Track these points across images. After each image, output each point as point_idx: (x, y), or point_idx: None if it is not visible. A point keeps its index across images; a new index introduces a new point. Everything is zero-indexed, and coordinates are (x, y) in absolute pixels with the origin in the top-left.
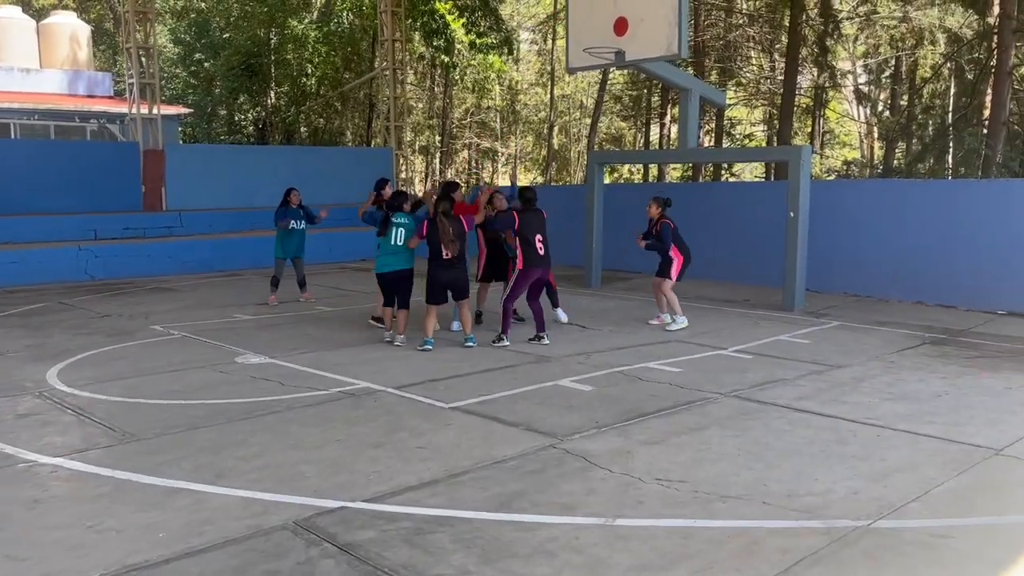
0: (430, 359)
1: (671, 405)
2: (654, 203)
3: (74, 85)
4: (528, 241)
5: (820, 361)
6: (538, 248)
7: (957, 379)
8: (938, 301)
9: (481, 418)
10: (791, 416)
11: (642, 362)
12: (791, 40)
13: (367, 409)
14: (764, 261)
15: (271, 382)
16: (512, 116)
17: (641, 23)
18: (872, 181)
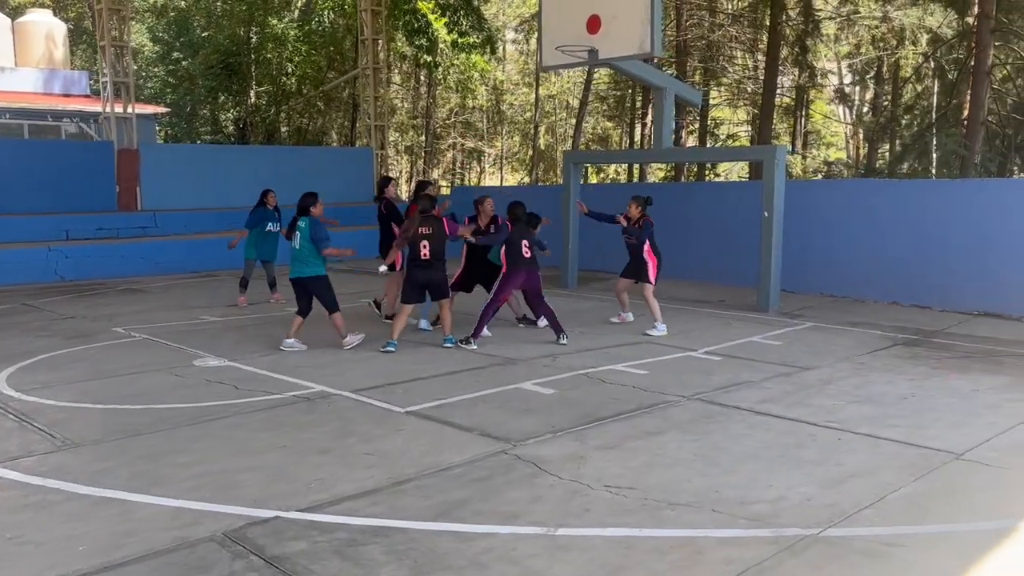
0: (394, 361)
1: (632, 409)
2: (634, 203)
3: (50, 84)
4: (514, 244)
5: (789, 363)
6: (524, 252)
7: (925, 381)
8: (913, 301)
9: (435, 423)
10: (752, 420)
11: (609, 364)
12: (771, 40)
13: (319, 414)
14: (741, 261)
15: (226, 386)
16: (497, 116)
17: (614, 21)
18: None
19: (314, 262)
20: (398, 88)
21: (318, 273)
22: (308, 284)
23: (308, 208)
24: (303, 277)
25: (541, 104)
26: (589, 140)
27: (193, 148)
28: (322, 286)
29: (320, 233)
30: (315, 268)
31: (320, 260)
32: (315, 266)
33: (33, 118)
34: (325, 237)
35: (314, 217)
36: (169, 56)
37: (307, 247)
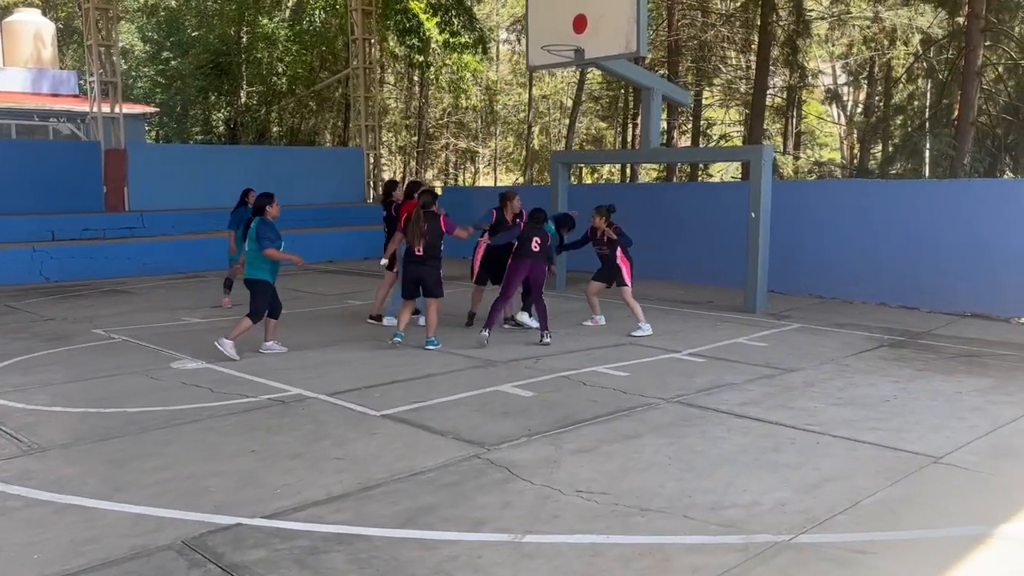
0: (373, 363)
1: (610, 412)
2: (597, 214)
3: (38, 84)
4: (525, 239)
5: (773, 364)
6: (532, 246)
7: (909, 383)
8: (901, 302)
9: (410, 426)
10: (731, 422)
11: (591, 366)
12: (761, 39)
13: (293, 417)
14: (731, 262)
15: (201, 388)
16: (491, 116)
17: (601, 20)
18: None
19: (260, 264)
20: (391, 88)
21: (260, 277)
22: (250, 286)
23: (263, 208)
24: (248, 279)
25: (535, 104)
26: (583, 140)
27: (182, 148)
28: (258, 290)
29: (265, 233)
30: (260, 272)
31: (266, 263)
32: (260, 269)
33: (21, 118)
34: (269, 238)
35: (266, 218)
36: (159, 56)
37: (253, 249)
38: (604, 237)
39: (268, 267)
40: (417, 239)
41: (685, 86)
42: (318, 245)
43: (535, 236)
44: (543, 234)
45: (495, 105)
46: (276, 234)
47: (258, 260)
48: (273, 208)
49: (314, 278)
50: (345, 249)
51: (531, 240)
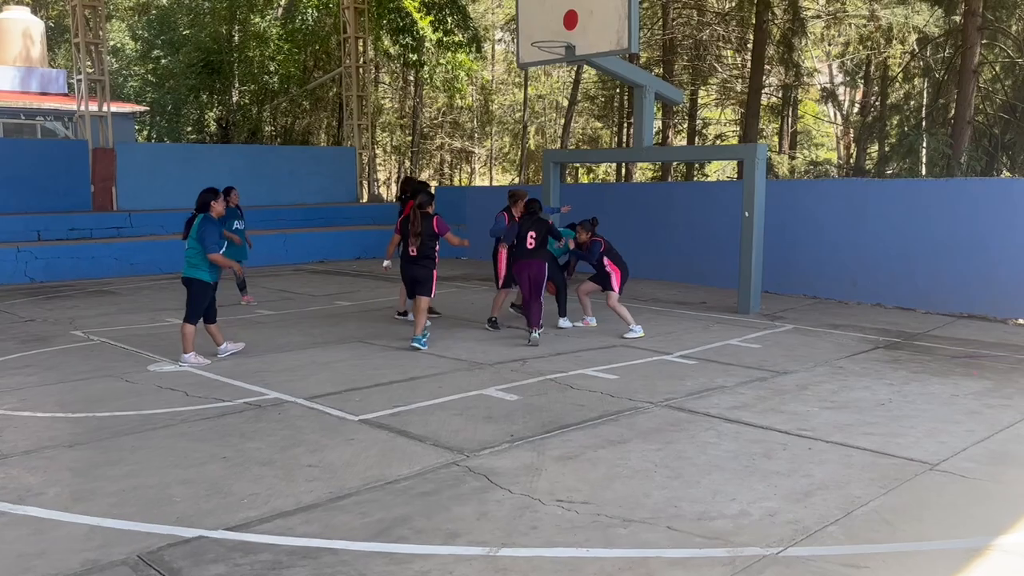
0: (356, 366)
1: (596, 416)
2: (581, 228)
3: (27, 82)
4: (521, 239)
5: (766, 367)
6: (528, 243)
7: (904, 386)
8: (897, 303)
9: (388, 432)
10: (721, 427)
11: (579, 368)
12: (756, 38)
13: (268, 422)
14: (723, 262)
15: (177, 392)
16: (486, 116)
17: (591, 16)
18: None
19: (200, 264)
20: (386, 88)
21: (199, 277)
22: (188, 286)
23: (208, 204)
24: (188, 278)
25: (531, 104)
26: (579, 140)
27: (171, 147)
28: (197, 290)
29: (209, 233)
30: (199, 271)
31: (207, 263)
32: (200, 269)
33: (8, 116)
34: (214, 240)
35: (210, 216)
36: (149, 55)
37: (194, 247)
38: (585, 249)
39: (208, 267)
40: (412, 239)
41: (680, 85)
42: (309, 245)
43: (531, 231)
44: (540, 226)
45: (490, 105)
46: (220, 234)
47: (199, 258)
48: (219, 204)
49: (305, 278)
50: (337, 249)
51: (527, 237)
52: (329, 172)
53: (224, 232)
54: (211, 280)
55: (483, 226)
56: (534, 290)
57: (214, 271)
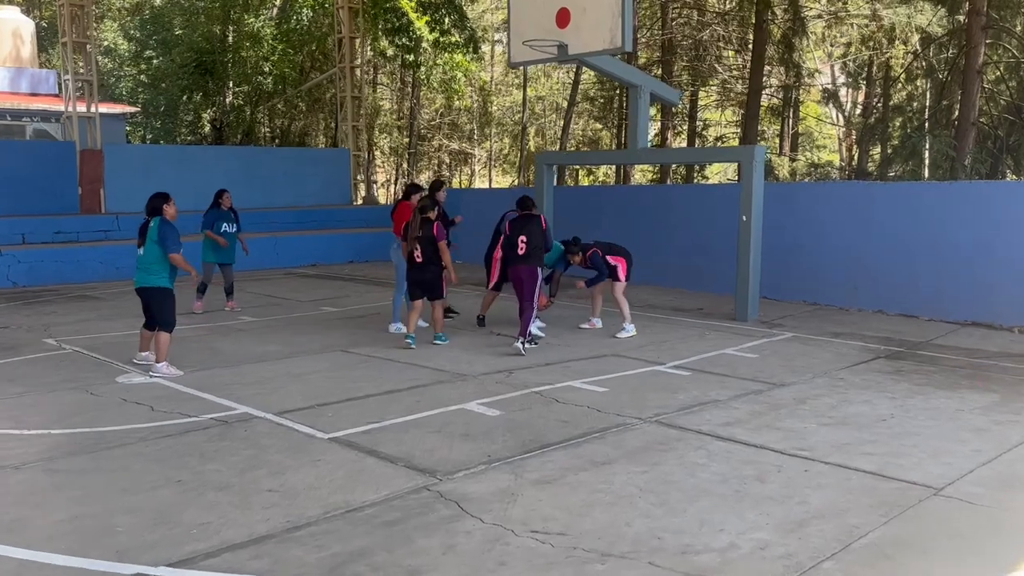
0: (334, 378)
1: (581, 434)
2: (570, 254)
3: (16, 82)
4: (512, 244)
5: (762, 378)
6: (519, 248)
7: (907, 400)
8: (900, 310)
9: (358, 452)
10: (712, 446)
11: (568, 380)
12: (756, 38)
13: (233, 440)
14: (722, 267)
15: (142, 407)
16: (485, 118)
17: (584, 14)
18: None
19: (159, 270)
20: (384, 88)
21: (161, 285)
22: (149, 296)
23: (160, 208)
24: (146, 287)
25: (531, 105)
26: (579, 142)
27: (161, 149)
28: (163, 299)
29: (169, 235)
30: (159, 278)
31: (166, 269)
32: (160, 276)
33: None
34: (175, 241)
35: (165, 219)
36: (142, 55)
37: (153, 252)
38: (587, 266)
39: (168, 273)
40: (412, 243)
41: (680, 86)
42: (301, 248)
43: (521, 235)
44: (530, 230)
45: (490, 106)
46: (178, 236)
47: (157, 264)
48: (171, 208)
49: (295, 283)
50: (330, 253)
51: (517, 243)
52: (323, 174)
53: (209, 233)
54: (172, 286)
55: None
56: (524, 296)
57: (174, 277)
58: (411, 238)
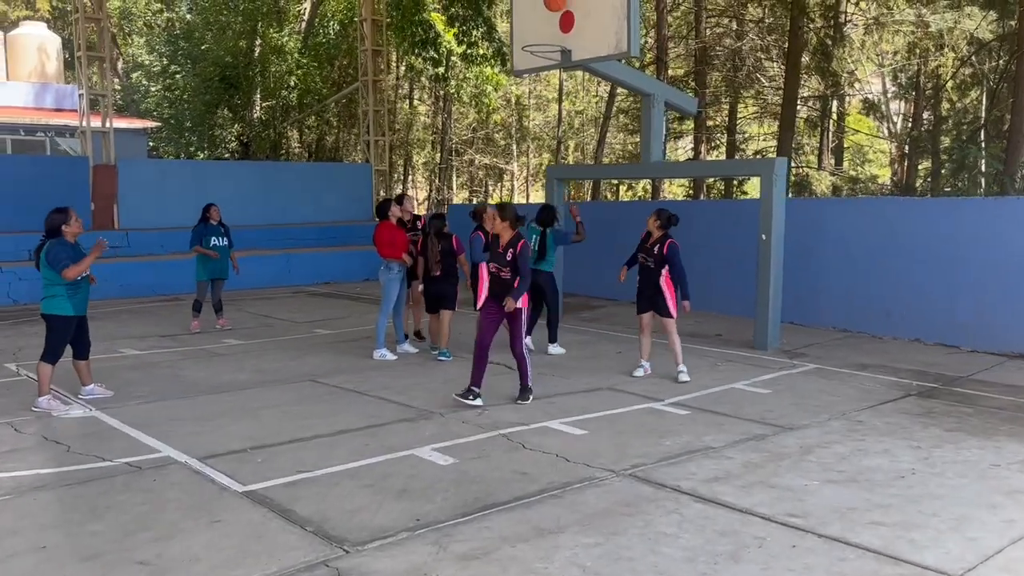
0: (287, 414)
1: (536, 491)
2: (655, 217)
3: (41, 98)
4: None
5: (769, 420)
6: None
7: (934, 450)
8: (938, 340)
9: (268, 511)
10: (689, 509)
11: (544, 420)
12: (791, 45)
13: (134, 492)
14: (747, 288)
15: (59, 446)
16: (520, 132)
17: (588, 17)
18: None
19: (57, 293)
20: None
21: (55, 311)
22: (46, 321)
23: (59, 228)
24: (45, 314)
25: (569, 120)
26: (618, 156)
27: (176, 164)
28: (55, 325)
29: (57, 254)
30: (54, 304)
31: (61, 292)
32: (56, 301)
33: (17, 132)
34: (62, 257)
35: (64, 239)
36: (167, 70)
37: (46, 274)
38: (654, 246)
39: (68, 298)
40: (434, 262)
41: (716, 98)
42: (317, 265)
43: (493, 262)
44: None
45: (524, 120)
46: (72, 253)
47: (55, 287)
48: (71, 226)
49: (299, 302)
50: (346, 271)
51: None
52: (344, 189)
53: (198, 248)
54: (73, 313)
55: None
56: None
57: (78, 302)
58: (434, 262)
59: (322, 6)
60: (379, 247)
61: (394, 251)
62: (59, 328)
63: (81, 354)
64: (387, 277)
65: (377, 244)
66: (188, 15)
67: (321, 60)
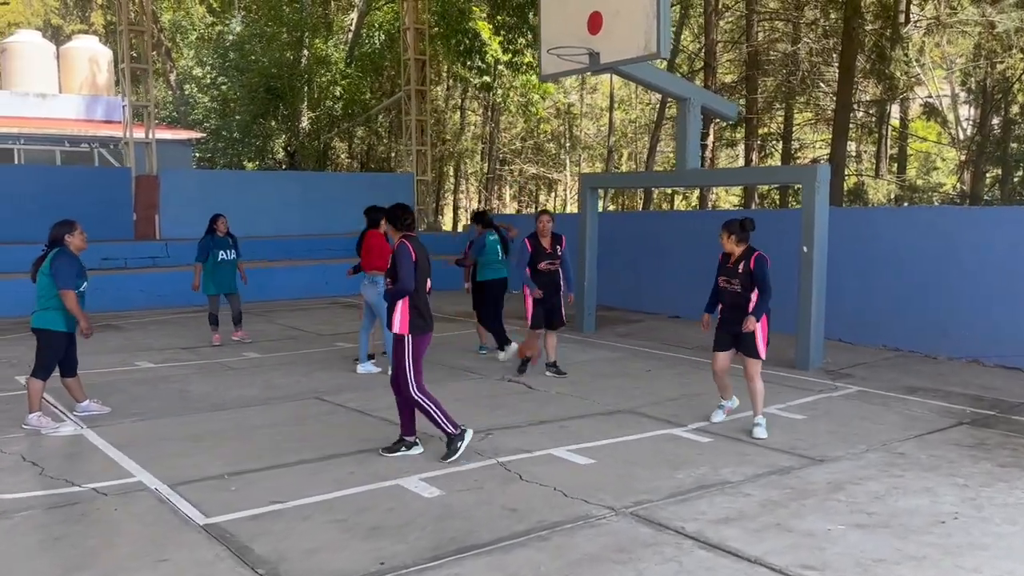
0: (281, 434)
1: (522, 531)
2: (728, 232)
3: (91, 110)
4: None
5: (798, 451)
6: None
7: (982, 489)
8: (999, 361)
9: (223, 548)
10: (690, 557)
11: (551, 446)
12: (844, 48)
13: (90, 524)
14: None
15: (34, 468)
16: (571, 142)
17: (616, 17)
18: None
19: (51, 306)
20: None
21: (47, 326)
22: (37, 335)
23: (62, 238)
24: (35, 328)
25: (622, 129)
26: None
27: (217, 174)
28: (45, 341)
29: (62, 267)
30: (47, 317)
31: (57, 306)
32: (48, 315)
33: (64, 144)
34: (67, 274)
35: (67, 249)
36: (216, 82)
37: (43, 284)
38: (738, 264)
39: (63, 314)
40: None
41: (769, 104)
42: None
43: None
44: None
45: (576, 130)
46: (77, 271)
47: (48, 298)
48: (75, 238)
49: (330, 314)
50: None
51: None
52: (385, 200)
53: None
54: (65, 329)
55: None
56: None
57: (71, 320)
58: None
59: (369, 16)
60: (364, 257)
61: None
62: (53, 344)
63: (69, 372)
64: (373, 292)
65: (363, 254)
66: (239, 27)
67: (367, 70)
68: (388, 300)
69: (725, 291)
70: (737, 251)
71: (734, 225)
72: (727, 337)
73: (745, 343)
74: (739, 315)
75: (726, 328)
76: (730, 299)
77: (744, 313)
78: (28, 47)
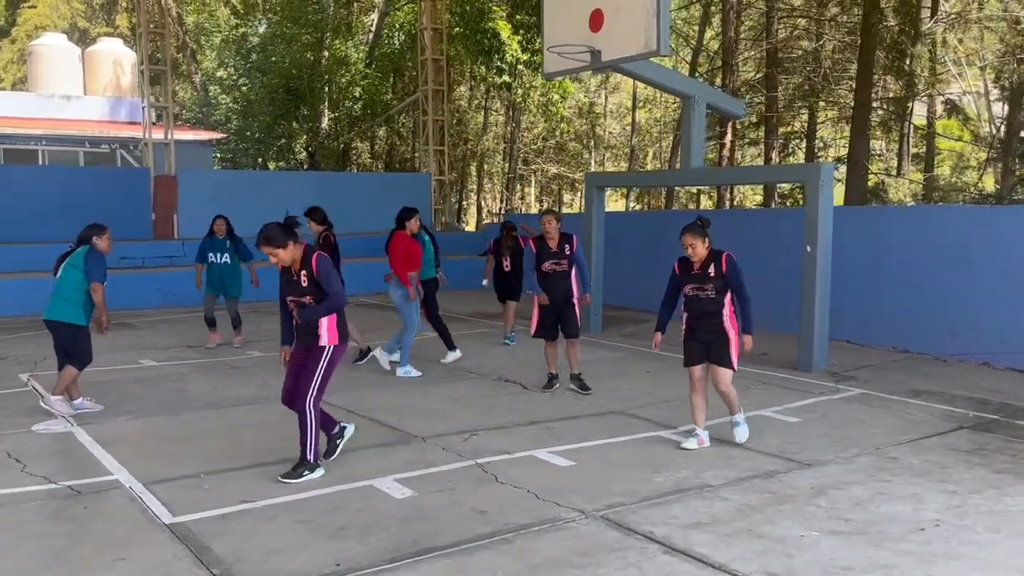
0: (264, 435)
1: (487, 533)
2: (691, 234)
3: (115, 111)
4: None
5: (787, 454)
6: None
7: (969, 496)
8: (1010, 364)
9: (183, 548)
10: (651, 563)
11: (533, 447)
12: (863, 44)
13: (60, 522)
14: None
15: (18, 465)
16: (594, 142)
17: (617, 14)
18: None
19: (75, 301)
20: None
21: (74, 321)
22: (58, 333)
23: (90, 239)
24: (55, 321)
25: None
26: None
27: (233, 174)
28: (73, 337)
29: (95, 264)
30: (73, 312)
31: (81, 300)
32: (74, 309)
33: (86, 145)
34: (101, 270)
35: (95, 249)
36: (237, 82)
37: (71, 276)
38: (706, 268)
39: (84, 305)
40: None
41: (790, 102)
42: (369, 275)
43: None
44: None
45: (599, 129)
46: (106, 271)
47: (76, 292)
48: (102, 240)
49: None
50: None
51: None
52: (402, 200)
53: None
54: (86, 324)
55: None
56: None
57: (89, 312)
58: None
59: (389, 16)
60: (391, 258)
61: (410, 266)
62: (80, 338)
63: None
64: (397, 294)
65: (391, 255)
66: (262, 28)
67: (387, 71)
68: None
69: (695, 300)
70: (703, 253)
71: (697, 228)
72: (700, 347)
73: (718, 353)
74: (710, 323)
75: (696, 338)
76: (700, 307)
77: (716, 320)
78: (54, 50)
